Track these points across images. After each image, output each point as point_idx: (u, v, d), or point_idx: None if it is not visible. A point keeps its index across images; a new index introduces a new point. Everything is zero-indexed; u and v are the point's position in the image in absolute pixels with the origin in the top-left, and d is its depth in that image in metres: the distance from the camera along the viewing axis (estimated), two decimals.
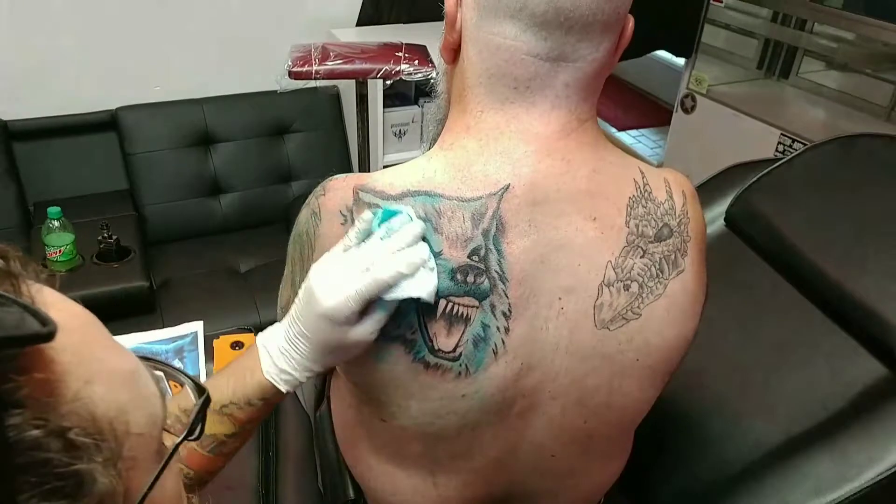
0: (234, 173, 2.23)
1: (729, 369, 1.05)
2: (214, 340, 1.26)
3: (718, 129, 2.75)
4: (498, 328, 0.66)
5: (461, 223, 0.64)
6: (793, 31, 2.74)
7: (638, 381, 0.73)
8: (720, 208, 1.30)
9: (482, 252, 0.64)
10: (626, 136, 3.70)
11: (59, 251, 1.76)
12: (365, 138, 1.58)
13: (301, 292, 0.65)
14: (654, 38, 3.06)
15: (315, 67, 1.32)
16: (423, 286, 0.61)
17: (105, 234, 1.83)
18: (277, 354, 0.67)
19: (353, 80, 1.45)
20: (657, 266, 0.69)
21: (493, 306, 0.65)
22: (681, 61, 2.97)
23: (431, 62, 1.41)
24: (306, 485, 1.04)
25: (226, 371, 0.70)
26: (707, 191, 1.34)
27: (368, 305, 0.62)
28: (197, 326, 1.28)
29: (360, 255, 0.62)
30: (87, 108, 2.13)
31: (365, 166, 1.73)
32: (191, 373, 1.22)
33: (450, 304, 0.65)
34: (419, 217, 0.64)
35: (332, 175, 0.72)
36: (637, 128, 3.79)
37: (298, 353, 0.66)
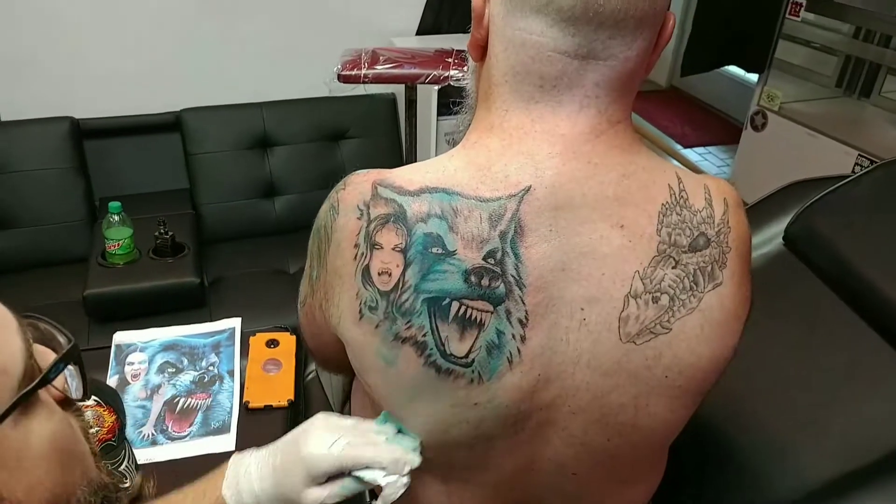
0: (289, 176, 2.26)
1: (777, 396, 0.98)
2: (251, 337, 1.26)
3: (791, 148, 2.63)
4: (513, 336, 0.63)
5: (478, 223, 0.61)
6: (876, 47, 2.59)
7: (667, 401, 0.68)
8: (780, 226, 1.22)
9: (498, 255, 0.61)
10: (692, 154, 3.58)
11: (118, 244, 1.82)
12: (412, 143, 1.57)
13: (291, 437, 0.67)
14: (724, 53, 2.96)
15: (364, 71, 1.32)
16: (392, 490, 0.65)
17: (162, 231, 1.88)
18: (243, 472, 0.66)
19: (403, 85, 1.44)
20: (691, 278, 0.65)
21: (508, 312, 0.62)
22: (752, 77, 2.86)
23: None
24: None
25: (192, 485, 0.69)
26: (766, 207, 1.27)
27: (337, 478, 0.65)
28: (235, 323, 1.30)
29: (364, 435, 0.67)
30: (155, 110, 2.21)
31: None
32: (226, 368, 1.24)
33: (463, 308, 0.62)
34: (435, 215, 0.62)
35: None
36: (704, 145, 3.66)
37: (259, 479, 0.66)
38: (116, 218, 1.82)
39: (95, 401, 1.05)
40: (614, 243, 0.63)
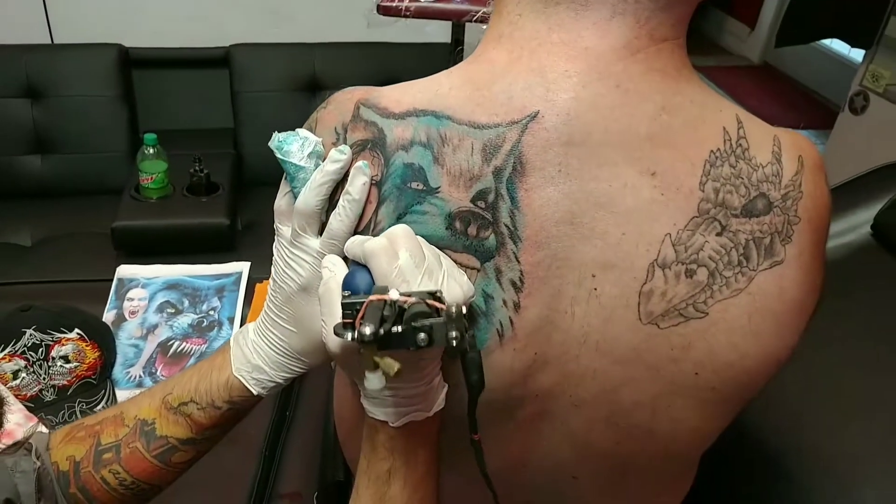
0: None
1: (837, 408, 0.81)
2: (258, 284, 1.17)
3: (892, 135, 2.34)
4: (504, 302, 0.50)
5: (468, 155, 0.49)
6: None
7: (698, 406, 0.54)
8: (867, 214, 1.03)
9: (490, 197, 0.48)
10: None
11: (151, 178, 1.76)
12: None
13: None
14: (827, 24, 2.65)
15: (406, 3, 1.19)
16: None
17: (197, 168, 1.82)
18: (251, 349, 0.57)
19: (450, 23, 1.30)
20: (740, 250, 0.50)
21: (498, 271, 0.49)
22: (856, 55, 2.57)
23: None
24: (312, 456, 0.93)
25: (194, 366, 0.60)
26: (852, 191, 1.08)
27: None
28: (243, 267, 1.21)
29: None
30: (205, 43, 2.14)
31: None
32: (227, 314, 1.15)
33: None
34: (419, 142, 0.49)
35: None
36: (794, 127, 3.36)
37: (270, 346, 0.56)
38: (152, 150, 1.76)
39: (78, 334, 0.99)
40: (642, 195, 0.48)
